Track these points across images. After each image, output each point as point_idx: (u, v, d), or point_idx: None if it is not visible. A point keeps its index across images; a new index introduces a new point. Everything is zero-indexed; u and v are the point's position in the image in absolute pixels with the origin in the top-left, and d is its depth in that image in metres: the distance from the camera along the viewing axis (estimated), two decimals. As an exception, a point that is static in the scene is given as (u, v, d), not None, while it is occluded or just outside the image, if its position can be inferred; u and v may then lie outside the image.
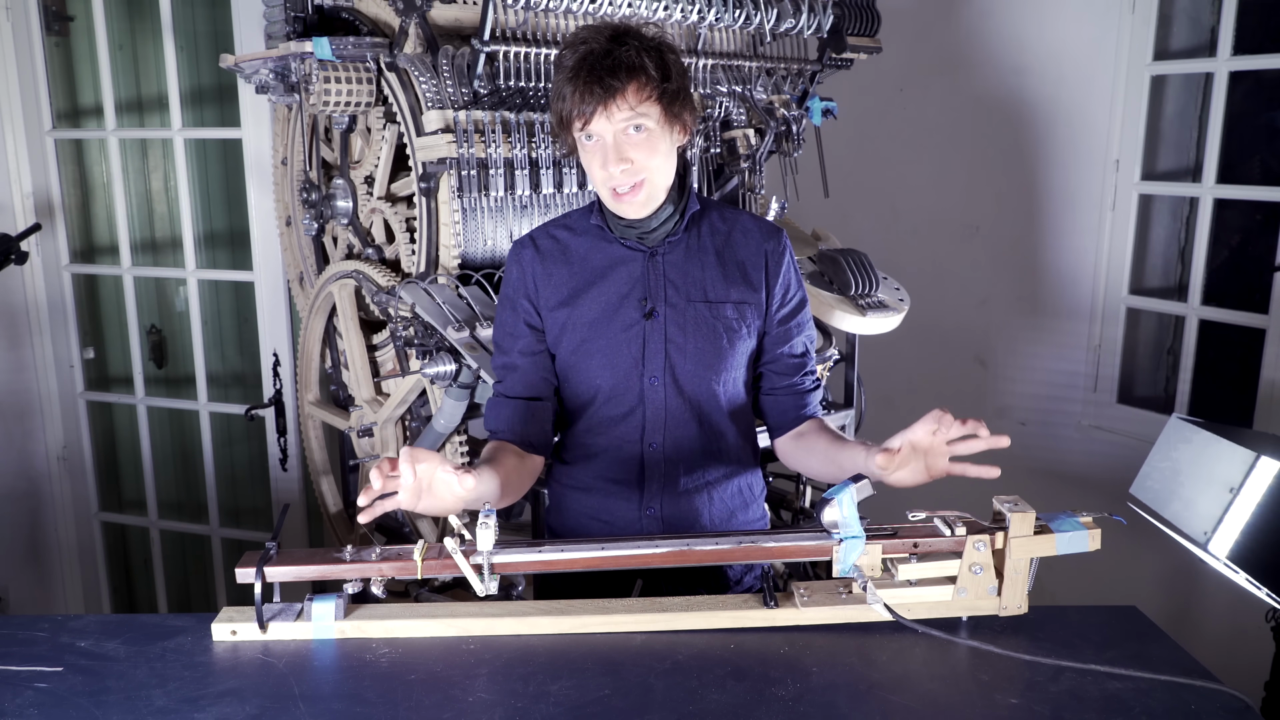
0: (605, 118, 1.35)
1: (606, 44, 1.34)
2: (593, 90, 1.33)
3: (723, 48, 2.27)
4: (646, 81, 1.34)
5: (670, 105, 1.38)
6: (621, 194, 1.40)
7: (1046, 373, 3.07)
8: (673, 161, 1.44)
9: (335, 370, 2.43)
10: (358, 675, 1.16)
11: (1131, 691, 1.11)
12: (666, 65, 1.37)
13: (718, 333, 1.48)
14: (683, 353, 1.47)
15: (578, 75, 1.34)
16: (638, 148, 1.37)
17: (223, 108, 2.96)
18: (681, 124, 1.42)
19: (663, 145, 1.40)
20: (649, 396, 1.49)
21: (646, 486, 1.51)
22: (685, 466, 1.52)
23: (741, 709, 1.08)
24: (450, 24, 2.00)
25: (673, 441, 1.51)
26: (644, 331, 1.47)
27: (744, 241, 1.53)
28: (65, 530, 3.15)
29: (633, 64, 1.33)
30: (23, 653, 1.21)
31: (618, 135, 1.36)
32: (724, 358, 1.49)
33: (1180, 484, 1.54)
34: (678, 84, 1.39)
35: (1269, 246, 2.55)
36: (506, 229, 2.08)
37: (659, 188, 1.43)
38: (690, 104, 1.43)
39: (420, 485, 1.17)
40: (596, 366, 1.49)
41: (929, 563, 1.24)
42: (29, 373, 3.01)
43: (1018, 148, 3.04)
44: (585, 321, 1.49)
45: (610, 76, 1.32)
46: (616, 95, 1.33)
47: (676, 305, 1.48)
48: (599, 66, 1.32)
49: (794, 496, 2.48)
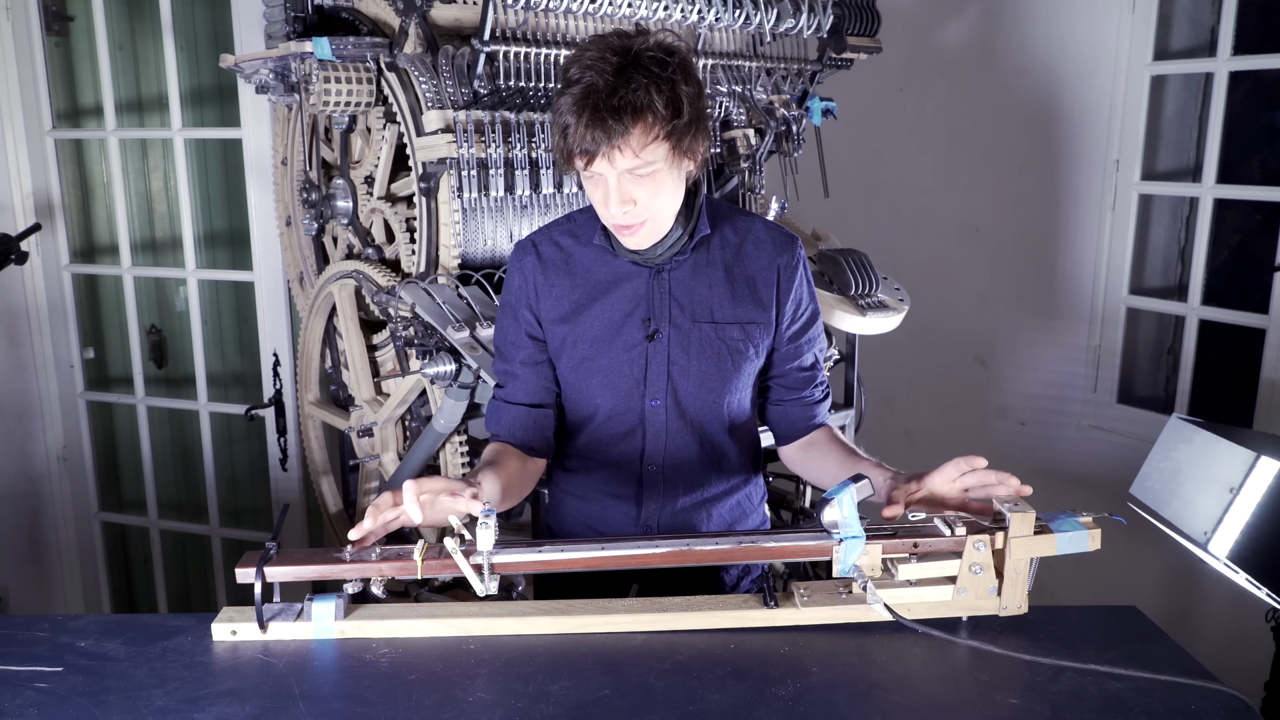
0: (607, 160, 1.26)
1: (612, 78, 1.23)
2: (594, 134, 1.23)
3: (723, 48, 2.27)
4: (654, 122, 1.24)
5: (680, 141, 1.28)
6: (623, 227, 1.35)
7: (1046, 373, 3.07)
8: (680, 193, 1.36)
9: (335, 370, 2.43)
10: (358, 675, 1.16)
11: (1131, 691, 1.11)
12: (678, 100, 1.26)
13: (723, 355, 1.44)
14: (686, 375, 1.44)
15: (580, 112, 1.23)
16: (642, 187, 1.29)
17: (223, 108, 2.96)
18: (692, 155, 1.32)
19: (669, 183, 1.32)
20: (649, 418, 1.45)
21: (645, 503, 1.50)
22: (685, 485, 1.50)
23: (741, 709, 1.08)
24: (450, 24, 2.00)
25: (673, 462, 1.48)
26: (646, 353, 1.43)
27: (755, 255, 1.46)
28: (65, 530, 3.15)
29: (639, 105, 1.23)
30: (23, 653, 1.21)
31: (620, 176, 1.28)
32: (728, 380, 1.45)
33: (1180, 484, 1.54)
34: (691, 114, 1.28)
35: (1269, 246, 2.55)
36: (506, 229, 2.08)
37: (663, 223, 1.37)
38: (704, 132, 1.33)
39: (423, 508, 1.17)
40: (597, 386, 1.46)
41: (929, 563, 1.24)
42: (29, 373, 3.01)
43: (1018, 148, 3.04)
44: (587, 339, 1.44)
45: (614, 119, 1.22)
46: (619, 139, 1.23)
47: (681, 326, 1.43)
48: (602, 106, 1.22)
49: (794, 496, 2.48)
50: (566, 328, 1.45)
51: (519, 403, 1.50)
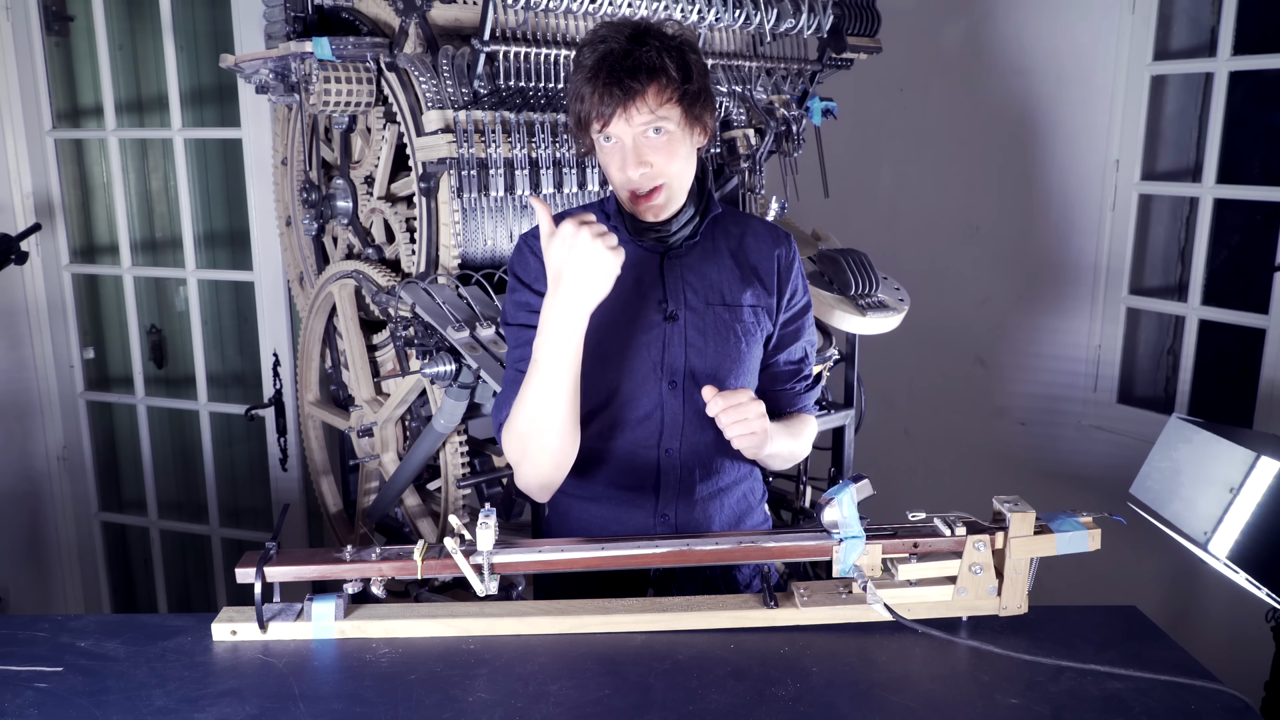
0: (624, 120, 1.31)
1: (626, 44, 1.30)
2: (612, 92, 1.29)
3: (723, 48, 2.27)
4: (667, 83, 1.31)
5: (691, 107, 1.35)
6: (640, 197, 1.38)
7: (1046, 373, 3.07)
8: (693, 164, 1.42)
9: (335, 370, 2.43)
10: (358, 675, 1.16)
11: (1131, 691, 1.11)
12: (688, 66, 1.34)
13: (736, 336, 1.46)
14: (703, 357, 1.45)
15: (597, 76, 1.30)
16: (657, 151, 1.35)
17: (223, 108, 2.96)
18: (702, 125, 1.39)
19: (683, 148, 1.37)
20: (667, 401, 1.45)
21: (662, 494, 1.48)
22: (701, 472, 1.49)
23: (741, 709, 1.08)
24: (450, 24, 2.00)
25: (689, 446, 1.47)
26: (664, 334, 1.44)
27: (756, 245, 1.51)
28: (65, 530, 3.15)
29: (653, 65, 1.30)
30: (23, 653, 1.21)
31: (637, 138, 1.33)
32: (742, 361, 1.47)
33: (1180, 484, 1.54)
34: (699, 85, 1.35)
35: (1269, 246, 2.55)
36: (506, 229, 2.08)
37: (678, 191, 1.41)
38: (711, 105, 1.40)
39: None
40: (614, 369, 1.45)
41: (929, 563, 1.24)
42: (29, 373, 3.01)
43: (1018, 147, 3.04)
44: (602, 323, 1.42)
45: (630, 78, 1.29)
46: (636, 98, 1.29)
47: (696, 308, 1.45)
48: (619, 67, 1.29)
49: (794, 496, 2.48)
50: None
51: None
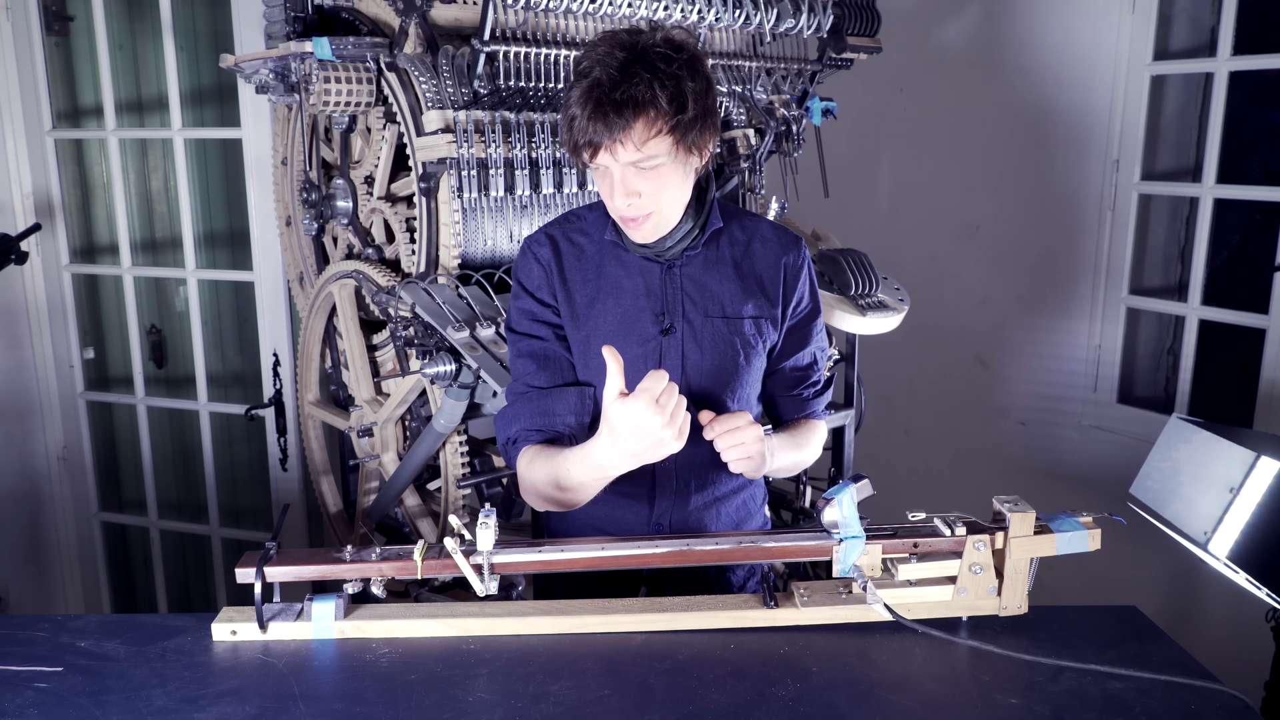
0: (610, 154, 1.29)
1: (617, 73, 1.25)
2: (597, 126, 1.26)
3: (723, 48, 2.27)
4: (656, 116, 1.27)
5: (684, 136, 1.30)
6: (630, 219, 1.36)
7: (1046, 373, 3.07)
8: (687, 188, 1.39)
9: (335, 370, 2.43)
10: (358, 675, 1.16)
11: (1131, 691, 1.11)
12: (683, 95, 1.28)
13: (734, 349, 1.45)
14: (699, 370, 1.44)
15: (585, 105, 1.27)
16: (647, 180, 1.32)
17: (223, 108, 2.96)
18: (699, 151, 1.34)
19: (674, 177, 1.34)
20: None
21: (657, 501, 1.48)
22: (697, 483, 1.49)
23: (741, 709, 1.08)
24: (450, 24, 2.00)
25: (685, 457, 1.44)
26: (661, 348, 1.43)
27: (763, 253, 1.48)
28: (65, 530, 3.15)
29: (640, 99, 1.25)
30: (23, 653, 1.21)
31: (625, 169, 1.31)
32: (740, 375, 1.46)
33: (1180, 484, 1.54)
34: (696, 111, 1.30)
35: (1269, 246, 2.55)
36: (506, 229, 2.08)
37: (670, 216, 1.38)
38: (712, 127, 1.35)
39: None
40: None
41: (929, 563, 1.24)
42: (29, 373, 3.01)
43: (1018, 147, 3.04)
44: (600, 334, 1.44)
45: (616, 113, 1.25)
46: (621, 133, 1.26)
47: (694, 321, 1.44)
48: (605, 101, 1.25)
49: (794, 496, 2.48)
50: (580, 322, 1.45)
51: (567, 384, 1.45)
